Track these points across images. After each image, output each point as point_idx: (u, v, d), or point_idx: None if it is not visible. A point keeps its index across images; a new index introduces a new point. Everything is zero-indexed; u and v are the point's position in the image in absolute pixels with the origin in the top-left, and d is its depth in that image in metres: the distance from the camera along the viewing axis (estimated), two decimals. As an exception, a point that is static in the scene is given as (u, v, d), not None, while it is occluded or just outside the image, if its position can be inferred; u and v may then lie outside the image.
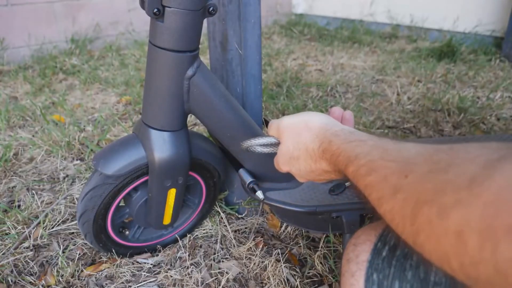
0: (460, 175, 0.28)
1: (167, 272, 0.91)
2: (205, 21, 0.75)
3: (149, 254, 0.98)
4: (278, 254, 0.97)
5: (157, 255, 0.98)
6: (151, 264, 0.95)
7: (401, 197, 0.32)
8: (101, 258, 0.97)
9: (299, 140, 0.53)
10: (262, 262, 0.94)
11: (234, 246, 1.00)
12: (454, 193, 0.27)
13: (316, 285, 0.89)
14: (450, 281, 0.39)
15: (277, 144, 0.61)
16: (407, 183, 0.32)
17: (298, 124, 0.55)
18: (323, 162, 0.50)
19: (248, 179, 0.90)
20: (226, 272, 0.91)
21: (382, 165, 0.37)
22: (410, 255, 0.43)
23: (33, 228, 1.05)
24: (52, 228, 1.06)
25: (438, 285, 0.39)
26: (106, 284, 0.89)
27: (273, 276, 0.90)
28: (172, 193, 0.87)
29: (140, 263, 0.95)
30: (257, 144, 0.63)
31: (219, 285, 0.88)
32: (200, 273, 0.91)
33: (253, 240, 1.02)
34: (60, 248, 0.99)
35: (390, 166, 0.35)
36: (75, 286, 0.89)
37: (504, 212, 0.23)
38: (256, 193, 0.88)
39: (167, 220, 0.93)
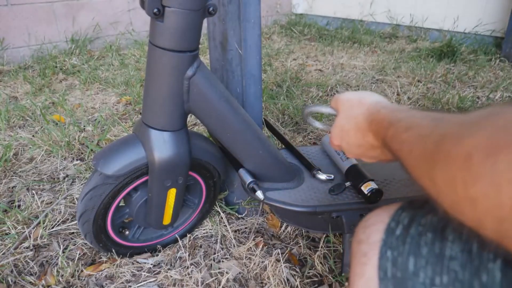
0: (482, 113, 0.32)
1: (167, 272, 0.91)
2: (205, 21, 0.75)
3: (149, 254, 0.98)
4: (278, 254, 0.97)
5: (157, 255, 0.98)
6: (151, 264, 0.95)
7: (430, 140, 0.36)
8: (101, 258, 0.97)
9: (351, 113, 0.57)
10: (262, 262, 0.94)
11: (234, 246, 1.00)
12: (472, 124, 0.31)
13: (316, 285, 0.89)
14: (465, 255, 0.39)
15: (334, 114, 0.67)
16: (437, 130, 0.36)
17: (353, 99, 0.59)
18: (370, 134, 0.53)
19: (248, 179, 0.90)
20: (226, 272, 0.91)
21: (420, 123, 0.40)
22: (425, 232, 0.43)
23: (33, 228, 1.05)
24: (52, 228, 1.06)
25: (454, 259, 0.39)
26: (106, 284, 0.89)
27: (273, 276, 0.90)
28: (172, 193, 0.87)
29: (140, 263, 0.95)
30: (318, 110, 0.71)
31: (219, 285, 0.88)
32: (200, 273, 0.91)
33: (253, 240, 1.02)
34: (60, 248, 0.99)
35: (427, 124, 0.39)
36: (75, 286, 0.89)
37: (510, 134, 0.27)
38: (256, 193, 0.88)
39: (167, 220, 0.93)
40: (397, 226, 0.46)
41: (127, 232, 0.95)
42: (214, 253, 0.98)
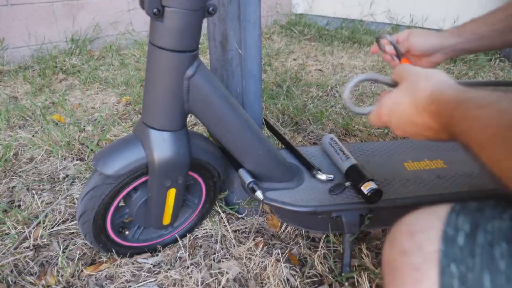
0: None
1: (167, 272, 0.91)
2: (205, 21, 0.75)
3: (149, 254, 0.98)
4: (278, 254, 0.97)
5: (157, 255, 0.98)
6: (151, 264, 0.95)
7: (508, 117, 0.35)
8: (101, 258, 0.97)
9: (413, 85, 0.54)
10: (262, 262, 0.94)
11: (234, 246, 1.00)
12: None
13: (316, 285, 0.89)
14: None
15: (390, 85, 0.62)
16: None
17: (421, 72, 0.56)
18: (426, 115, 0.50)
19: (247, 179, 0.90)
20: (226, 272, 0.91)
21: (498, 102, 0.38)
22: (497, 241, 0.36)
23: (33, 228, 1.05)
24: (52, 228, 1.06)
25: None
26: (106, 284, 0.89)
27: (273, 276, 0.90)
28: (172, 193, 0.87)
29: (140, 263, 0.95)
30: (373, 78, 0.63)
31: (219, 285, 0.88)
32: (200, 273, 0.91)
33: (253, 240, 1.02)
34: (60, 248, 0.99)
35: (503, 106, 0.37)
36: (75, 286, 0.89)
37: None
38: (256, 193, 0.88)
39: (166, 220, 0.93)
40: (457, 234, 0.39)
41: (127, 232, 0.95)
42: (214, 253, 0.98)
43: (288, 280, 0.90)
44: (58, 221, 1.09)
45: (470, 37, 0.83)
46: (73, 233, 1.05)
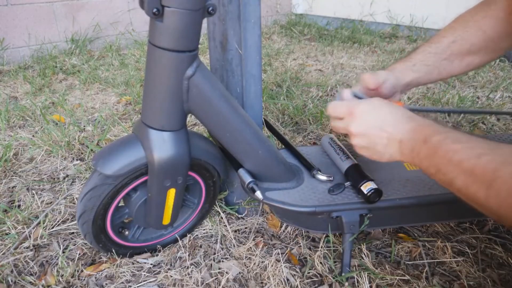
0: None
1: (167, 272, 0.91)
2: (205, 21, 0.75)
3: (149, 254, 0.98)
4: (278, 254, 0.97)
5: (157, 255, 0.98)
6: (151, 264, 0.95)
7: (486, 158, 0.44)
8: (101, 258, 0.97)
9: (390, 104, 0.66)
10: (262, 262, 0.94)
11: (234, 246, 1.00)
12: None
13: (316, 285, 0.89)
14: None
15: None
16: (491, 151, 0.45)
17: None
18: (401, 126, 0.62)
19: (247, 179, 0.90)
20: (226, 272, 0.91)
21: (469, 141, 0.49)
22: None
23: (33, 228, 1.05)
24: (52, 228, 1.06)
25: None
26: (106, 284, 0.89)
27: (273, 276, 0.90)
28: (171, 193, 0.87)
29: (140, 263, 0.95)
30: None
31: (219, 285, 0.88)
32: (200, 273, 0.91)
33: (253, 240, 1.02)
34: (60, 248, 0.99)
35: (477, 144, 0.48)
36: (75, 286, 0.89)
37: None
38: (255, 193, 0.88)
39: (166, 220, 0.93)
40: None
41: (126, 232, 0.95)
42: (214, 253, 0.98)
43: (288, 280, 0.90)
44: (58, 221, 1.09)
45: (422, 70, 0.80)
46: (73, 233, 1.05)
